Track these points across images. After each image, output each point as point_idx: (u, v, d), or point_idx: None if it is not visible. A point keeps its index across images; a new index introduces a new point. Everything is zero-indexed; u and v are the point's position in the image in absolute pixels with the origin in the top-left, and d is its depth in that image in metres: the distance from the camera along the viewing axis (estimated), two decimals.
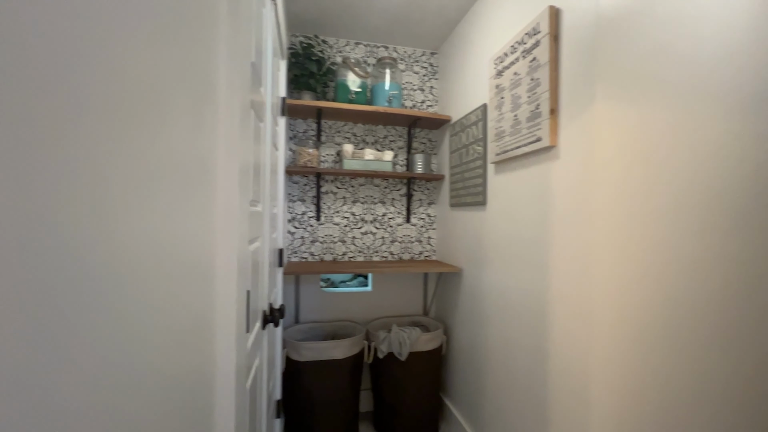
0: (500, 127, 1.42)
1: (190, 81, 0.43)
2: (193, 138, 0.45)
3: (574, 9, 1.07)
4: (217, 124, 0.54)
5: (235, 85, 0.60)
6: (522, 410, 1.29)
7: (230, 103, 0.59)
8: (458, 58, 1.89)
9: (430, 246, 2.21)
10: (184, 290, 0.43)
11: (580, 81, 1.04)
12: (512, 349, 1.36)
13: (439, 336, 1.85)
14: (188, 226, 0.44)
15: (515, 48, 1.31)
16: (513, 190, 1.37)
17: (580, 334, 1.04)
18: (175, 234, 0.39)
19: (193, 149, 0.45)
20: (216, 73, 0.54)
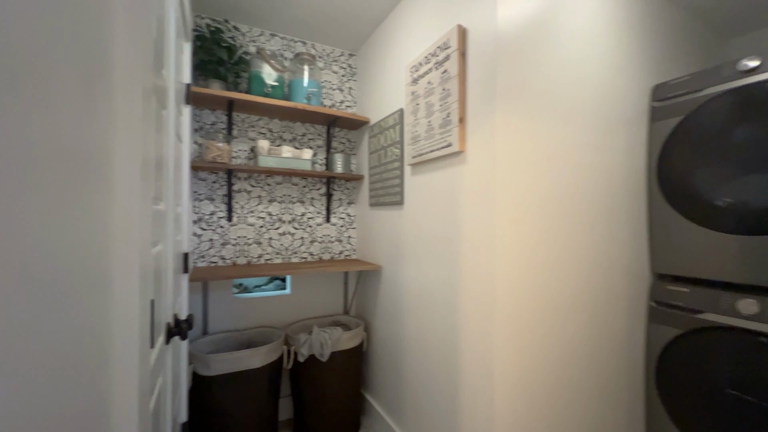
0: (416, 132, 1.51)
1: (76, 53, 0.36)
2: (82, 124, 0.38)
3: (478, 30, 1.20)
4: (113, 109, 0.47)
5: (135, 65, 0.53)
6: (437, 395, 1.41)
7: (129, 86, 0.51)
8: (377, 62, 1.95)
9: (351, 245, 2.23)
10: (69, 305, 0.36)
11: (483, 94, 1.18)
12: (428, 340, 1.47)
13: (360, 333, 1.89)
14: (76, 227, 0.37)
15: (429, 59, 1.41)
16: (428, 190, 1.48)
17: (485, 320, 1.18)
18: (57, 238, 0.33)
19: (82, 137, 0.38)
20: (111, 48, 0.46)
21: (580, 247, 1.34)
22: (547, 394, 1.26)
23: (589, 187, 1.37)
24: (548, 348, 1.26)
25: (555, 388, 1.28)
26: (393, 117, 1.73)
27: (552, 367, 1.27)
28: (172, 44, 0.98)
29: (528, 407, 1.21)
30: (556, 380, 1.28)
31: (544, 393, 1.25)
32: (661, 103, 1.52)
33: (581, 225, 1.35)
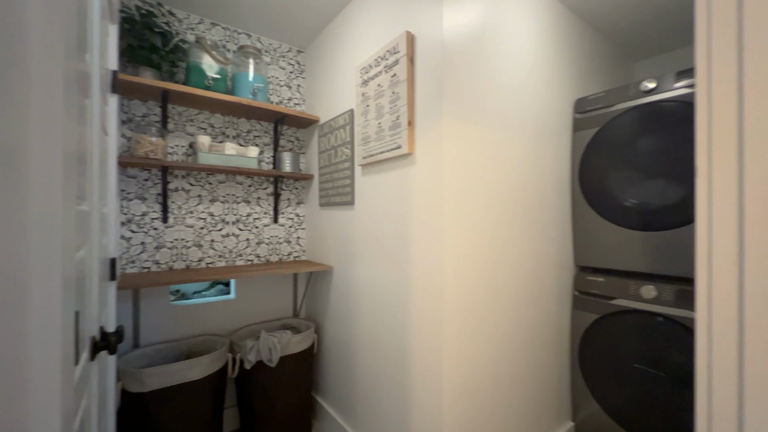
0: (366, 133, 1.53)
1: None
2: None
3: (426, 37, 1.26)
4: (30, 98, 0.41)
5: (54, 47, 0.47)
6: (389, 391, 1.44)
7: (48, 71, 0.45)
8: (326, 61, 1.94)
9: (300, 246, 2.19)
10: None
11: (431, 99, 1.24)
12: (380, 338, 1.50)
13: (310, 336, 1.86)
14: None
15: (379, 62, 1.44)
16: (379, 191, 1.51)
17: (435, 315, 1.23)
18: None
19: None
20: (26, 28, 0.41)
21: (516, 243, 1.47)
22: (490, 379, 1.36)
23: (524, 189, 1.50)
24: (491, 336, 1.36)
25: (496, 373, 1.38)
26: (343, 117, 1.73)
27: (494, 353, 1.37)
28: (96, 25, 0.88)
29: (473, 392, 1.29)
30: (498, 365, 1.39)
31: (487, 378, 1.34)
32: (582, 115, 1.72)
33: (518, 223, 1.48)
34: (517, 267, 1.48)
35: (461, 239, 1.25)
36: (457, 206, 1.24)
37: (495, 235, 1.38)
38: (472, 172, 1.29)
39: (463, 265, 1.26)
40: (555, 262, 1.67)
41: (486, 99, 1.34)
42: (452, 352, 1.23)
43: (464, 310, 1.27)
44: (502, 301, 1.41)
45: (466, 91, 1.26)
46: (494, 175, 1.37)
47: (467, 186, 1.27)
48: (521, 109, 1.49)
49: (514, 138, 1.46)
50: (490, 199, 1.36)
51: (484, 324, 1.34)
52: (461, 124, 1.25)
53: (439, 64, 1.20)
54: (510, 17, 1.43)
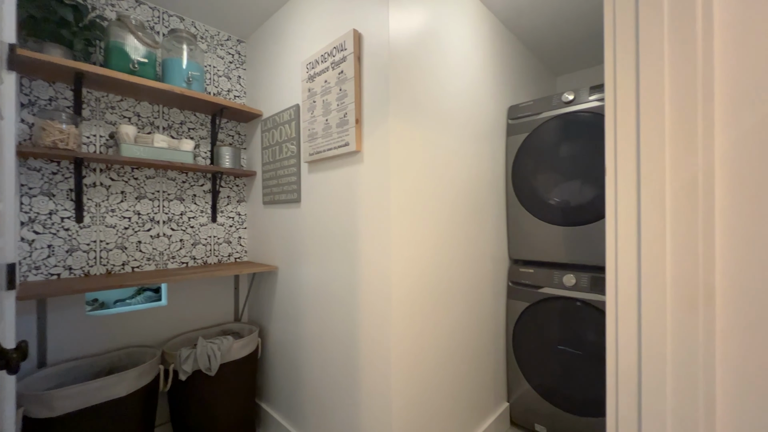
0: (313, 129, 1.51)
1: None
2: None
3: (373, 37, 1.28)
4: None
5: None
6: (337, 390, 1.43)
7: None
8: (270, 53, 1.86)
9: (242, 247, 2.07)
10: None
11: (378, 98, 1.26)
12: (328, 337, 1.48)
13: (253, 340, 1.77)
14: None
15: (326, 58, 1.42)
16: (326, 188, 1.49)
17: (383, 311, 1.26)
18: None
19: None
20: None
21: (457, 238, 1.56)
22: (436, 367, 1.42)
23: (464, 188, 1.60)
24: (435, 326, 1.43)
25: (440, 361, 1.45)
26: (288, 112, 1.68)
27: (438, 343, 1.44)
28: None
29: (419, 381, 1.34)
30: (441, 354, 1.46)
31: (433, 367, 1.41)
32: (514, 121, 1.88)
33: (459, 219, 1.57)
34: (457, 261, 1.57)
35: (407, 235, 1.30)
36: (403, 203, 1.28)
37: (438, 231, 1.45)
38: (418, 170, 1.34)
39: (409, 261, 1.31)
40: (491, 255, 1.80)
41: (430, 101, 1.40)
42: (399, 344, 1.26)
43: (410, 304, 1.31)
44: (445, 293, 1.49)
45: (411, 93, 1.31)
46: (437, 174, 1.44)
47: (413, 184, 1.32)
48: (461, 113, 1.58)
49: (455, 139, 1.54)
50: (434, 197, 1.42)
51: (428, 316, 1.40)
52: (407, 124, 1.29)
53: (386, 64, 1.23)
54: (452, 28, 1.51)
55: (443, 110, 1.47)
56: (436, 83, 1.43)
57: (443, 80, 1.47)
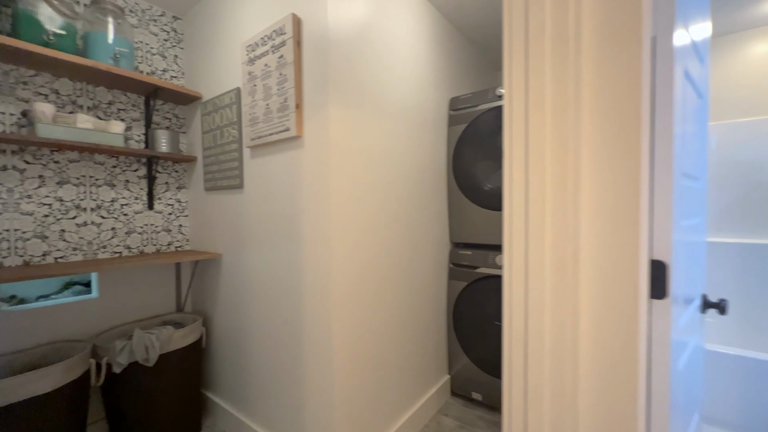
0: (254, 114, 1.49)
1: None
2: None
3: (312, 22, 1.28)
4: None
5: None
6: (283, 373, 1.47)
7: None
8: (208, 32, 1.78)
9: (183, 235, 2.00)
10: None
11: (318, 84, 1.28)
12: (274, 322, 1.50)
13: (197, 329, 1.74)
14: None
15: (266, 41, 1.41)
16: (269, 173, 1.49)
17: (325, 293, 1.30)
18: None
19: None
20: None
21: (400, 222, 1.64)
22: (379, 345, 1.50)
23: (407, 174, 1.68)
24: (379, 307, 1.50)
25: (384, 339, 1.54)
26: (229, 96, 1.64)
27: (382, 322, 1.52)
28: None
29: (363, 358, 1.42)
30: (385, 331, 1.54)
31: (376, 345, 1.49)
32: (455, 112, 1.99)
33: (402, 204, 1.64)
34: (401, 244, 1.65)
35: (348, 220, 1.34)
36: (344, 188, 1.32)
37: (380, 215, 1.51)
38: (359, 156, 1.39)
39: (351, 244, 1.36)
40: (434, 239, 1.91)
41: (371, 89, 1.44)
42: (341, 325, 1.32)
43: (352, 287, 1.37)
44: (388, 275, 1.57)
45: (352, 80, 1.34)
46: (380, 160, 1.50)
47: (354, 169, 1.37)
48: (404, 102, 1.65)
49: (398, 127, 1.61)
50: (376, 181, 1.48)
51: (371, 297, 1.47)
52: (348, 110, 1.33)
53: (326, 50, 1.25)
54: (393, 19, 1.56)
55: (385, 99, 1.52)
56: (377, 72, 1.47)
57: (385, 69, 1.52)
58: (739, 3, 1.87)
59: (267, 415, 1.55)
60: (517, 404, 0.71)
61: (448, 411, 1.92)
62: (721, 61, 2.25)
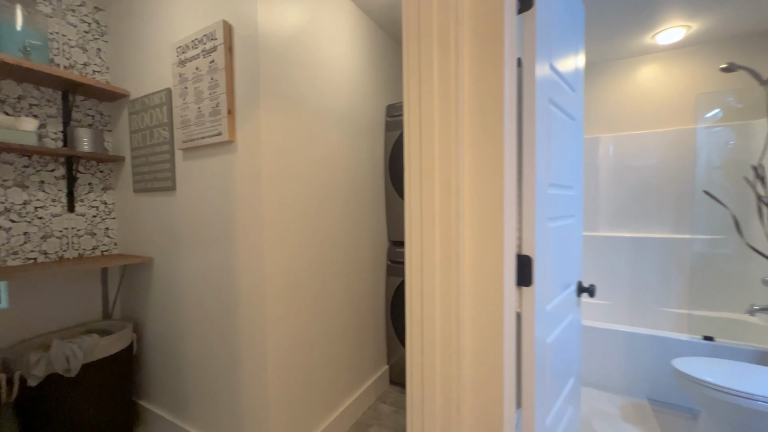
0: (186, 116, 1.48)
1: None
2: None
3: (243, 29, 1.32)
4: None
5: None
6: (220, 377, 1.49)
7: None
8: (136, 27, 1.72)
9: (110, 238, 1.90)
10: None
11: (250, 90, 1.32)
12: (209, 326, 1.51)
13: (126, 336, 1.68)
14: None
15: (196, 44, 1.41)
16: (202, 176, 1.49)
17: (259, 295, 1.35)
18: None
19: None
20: None
21: (338, 223, 1.72)
22: (315, 340, 1.58)
23: (344, 177, 1.77)
24: (315, 304, 1.58)
25: (321, 335, 1.62)
26: (159, 96, 1.60)
27: (319, 319, 1.60)
28: None
29: (298, 355, 1.49)
30: (322, 328, 1.63)
31: (312, 340, 1.56)
32: (391, 118, 2.11)
33: (339, 206, 1.73)
34: (339, 244, 1.74)
35: (283, 222, 1.40)
36: (277, 191, 1.38)
37: (317, 217, 1.59)
38: (293, 160, 1.45)
39: (287, 246, 1.42)
40: (372, 238, 2.03)
41: (305, 95, 1.51)
42: (276, 324, 1.38)
43: (287, 287, 1.43)
44: (326, 273, 1.65)
45: (285, 86, 1.40)
46: (316, 164, 1.57)
47: (288, 173, 1.43)
48: (341, 109, 1.73)
49: (334, 133, 1.69)
50: (311, 185, 1.55)
51: (308, 295, 1.54)
52: (281, 116, 1.38)
53: (258, 57, 1.29)
54: (328, 29, 1.63)
55: (321, 105, 1.59)
56: (312, 79, 1.54)
57: (319, 76, 1.59)
58: (627, 35, 2.22)
59: (204, 417, 1.56)
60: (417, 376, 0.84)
61: (386, 398, 2.06)
62: (616, 81, 2.63)
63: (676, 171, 2.44)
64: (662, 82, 2.49)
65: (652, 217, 2.52)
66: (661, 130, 2.49)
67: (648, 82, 2.54)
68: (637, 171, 2.56)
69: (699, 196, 2.36)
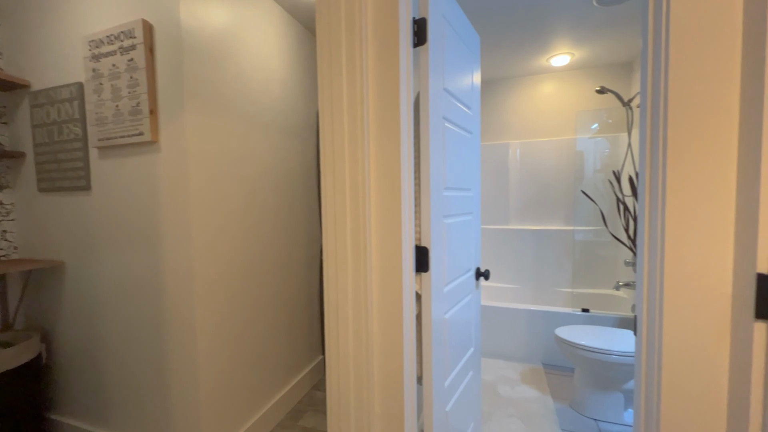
0: (101, 113, 1.43)
1: None
2: None
3: (165, 29, 1.32)
4: None
5: None
6: (147, 380, 1.47)
7: None
8: (39, 12, 1.58)
9: (9, 242, 1.73)
10: None
11: (174, 91, 1.33)
12: (134, 328, 1.49)
13: (33, 346, 1.56)
14: None
15: (113, 40, 1.37)
16: (123, 176, 1.45)
17: (187, 298, 1.38)
18: None
19: None
20: None
21: (271, 223, 1.79)
22: (247, 336, 1.64)
23: (278, 179, 1.83)
24: (246, 301, 1.63)
25: (253, 330, 1.68)
26: (68, 90, 1.51)
27: (249, 314, 1.66)
28: None
29: (229, 352, 1.54)
30: (254, 324, 1.69)
31: (243, 336, 1.62)
32: None
33: (270, 205, 1.79)
34: (272, 244, 1.80)
35: (211, 222, 1.44)
36: (205, 192, 1.41)
37: (246, 217, 1.64)
38: (221, 162, 1.49)
39: (215, 246, 1.46)
40: (305, 235, 2.12)
41: (235, 98, 1.55)
42: (206, 323, 1.42)
43: (218, 285, 1.47)
44: (260, 271, 1.71)
45: (213, 88, 1.43)
46: (247, 166, 1.62)
47: (218, 175, 1.46)
48: (272, 112, 1.79)
49: (266, 136, 1.75)
50: (243, 186, 1.60)
51: (239, 292, 1.59)
52: (209, 118, 1.41)
53: (182, 58, 1.31)
54: (255, 33, 1.68)
55: (252, 108, 1.64)
56: (241, 81, 1.58)
57: (249, 79, 1.63)
58: (529, 55, 2.59)
59: (130, 424, 1.53)
60: (334, 353, 0.98)
61: (321, 386, 2.18)
62: (522, 95, 3.04)
63: (565, 173, 2.92)
64: (556, 98, 2.95)
65: (549, 212, 2.98)
66: (555, 138, 2.95)
67: (546, 97, 2.98)
68: (538, 173, 3.00)
69: (580, 195, 2.86)
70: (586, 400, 1.88)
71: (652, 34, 0.77)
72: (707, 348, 0.71)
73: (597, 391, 1.86)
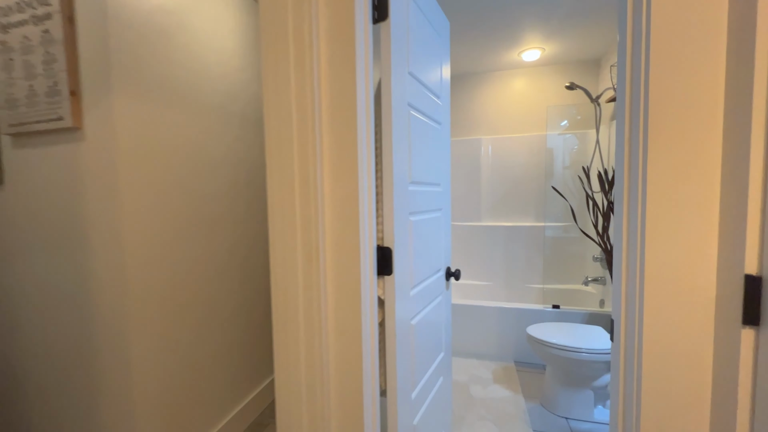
0: (12, 94, 1.22)
1: None
2: None
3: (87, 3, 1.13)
4: None
5: None
6: (76, 398, 1.28)
7: None
8: None
9: None
10: None
11: (100, 70, 1.14)
12: (59, 339, 1.29)
13: None
14: None
15: (23, 8, 1.16)
16: (41, 167, 1.25)
17: (118, 302, 1.20)
18: None
19: None
20: None
21: (222, 221, 1.62)
22: (201, 343, 1.48)
23: (234, 172, 1.66)
24: (194, 306, 1.47)
25: (207, 337, 1.52)
26: None
27: (199, 322, 1.49)
28: None
29: (180, 362, 1.37)
30: (207, 331, 1.52)
31: (198, 344, 1.45)
32: None
33: (226, 203, 1.63)
34: (223, 242, 1.64)
35: (149, 221, 1.27)
36: (140, 188, 1.23)
37: (193, 216, 1.47)
38: (163, 154, 1.31)
39: (158, 250, 1.29)
40: (264, 237, 1.96)
41: (182, 81, 1.37)
42: (144, 330, 1.25)
43: (158, 289, 1.30)
44: (211, 275, 1.54)
45: (152, 69, 1.25)
46: (195, 158, 1.45)
47: (157, 168, 1.29)
48: (228, 99, 1.62)
49: (220, 125, 1.57)
50: (189, 180, 1.42)
51: (186, 296, 1.42)
52: (146, 104, 1.23)
53: (109, 32, 1.12)
54: (205, 12, 1.50)
55: (201, 93, 1.47)
56: (188, 63, 1.40)
57: (194, 61, 1.46)
58: (501, 49, 2.54)
59: None
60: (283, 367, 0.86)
61: None
62: (494, 89, 3.01)
63: (535, 169, 2.91)
64: (527, 93, 2.93)
65: (520, 208, 2.97)
66: (526, 134, 2.93)
67: (518, 92, 2.96)
68: (510, 169, 2.98)
69: (550, 191, 2.86)
70: (556, 398, 1.86)
71: (630, 24, 0.70)
72: (690, 355, 0.65)
73: (568, 388, 1.84)
